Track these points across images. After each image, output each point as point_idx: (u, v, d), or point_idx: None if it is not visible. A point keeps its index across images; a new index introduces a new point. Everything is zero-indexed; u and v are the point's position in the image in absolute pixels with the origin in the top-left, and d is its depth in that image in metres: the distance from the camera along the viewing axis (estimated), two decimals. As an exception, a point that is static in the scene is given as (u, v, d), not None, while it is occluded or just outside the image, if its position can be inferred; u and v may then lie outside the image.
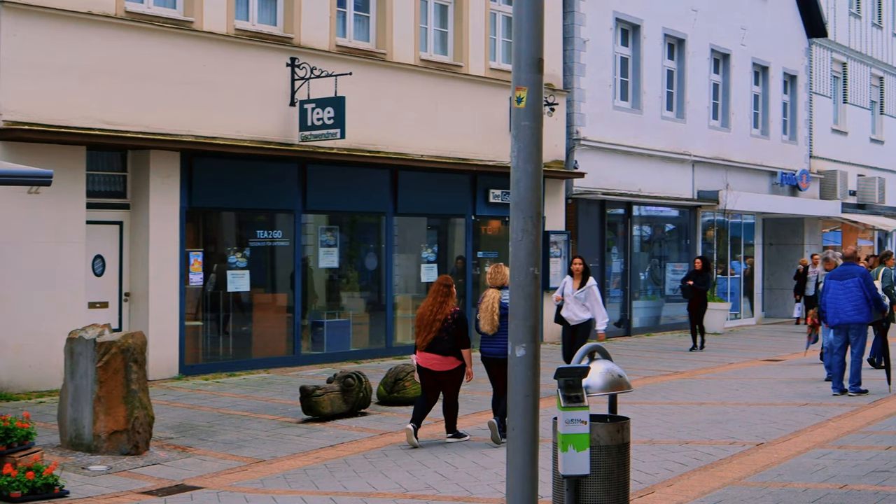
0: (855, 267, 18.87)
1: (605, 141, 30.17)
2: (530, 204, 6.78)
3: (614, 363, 7.91)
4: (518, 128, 6.81)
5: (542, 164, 6.82)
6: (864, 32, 46.87)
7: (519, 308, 6.82)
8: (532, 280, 6.80)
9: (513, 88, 6.83)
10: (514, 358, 6.87)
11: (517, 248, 6.81)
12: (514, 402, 6.87)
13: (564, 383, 7.24)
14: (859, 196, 44.97)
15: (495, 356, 14.36)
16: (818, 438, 14.16)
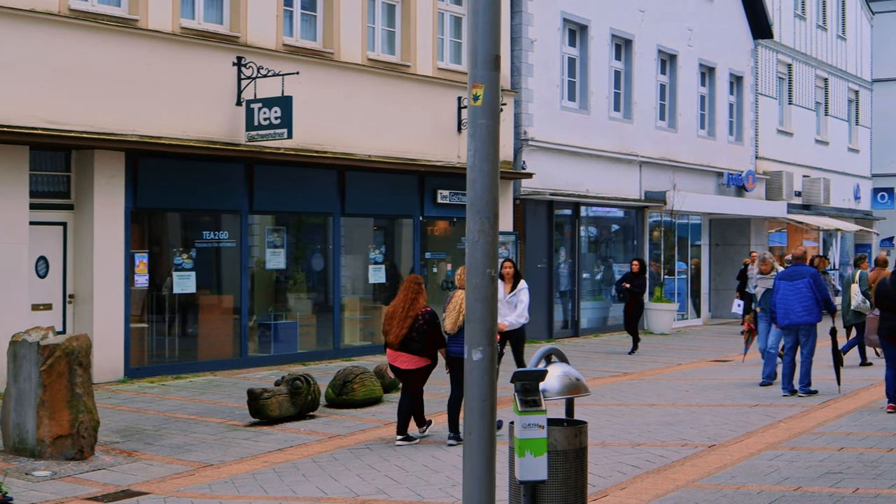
0: (805, 268, 18.88)
1: (552, 141, 30.10)
2: (487, 204, 6.64)
3: (571, 366, 7.78)
4: (475, 126, 6.66)
5: (498, 163, 6.68)
6: (809, 34, 47.10)
7: (475, 311, 6.67)
8: (489, 282, 6.66)
9: (469, 86, 6.68)
10: (471, 361, 6.72)
11: (473, 249, 6.66)
12: (470, 407, 6.73)
13: (521, 387, 7.10)
14: (804, 197, 45.20)
15: (459, 355, 14.13)
16: (770, 440, 14.11)
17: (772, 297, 19.23)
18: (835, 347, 19.05)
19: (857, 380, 20.40)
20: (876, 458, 12.59)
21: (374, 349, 24.92)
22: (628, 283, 27.87)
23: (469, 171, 6.70)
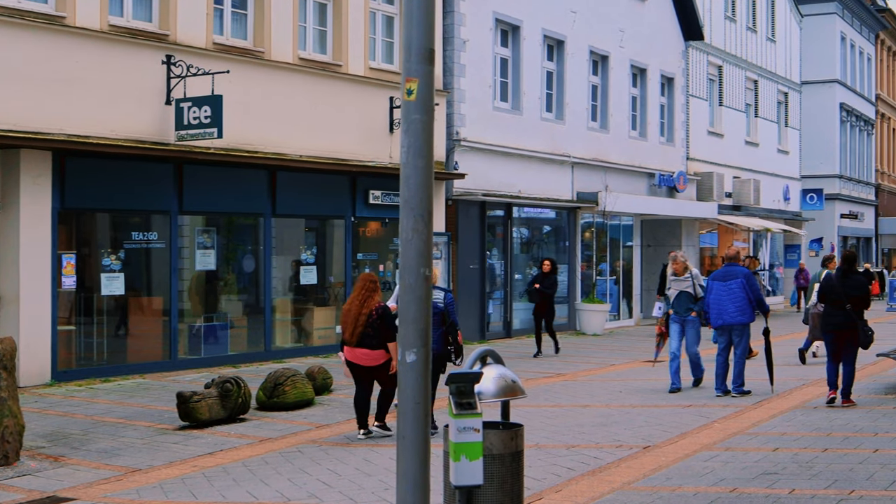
0: (738, 268, 18.88)
1: (485, 142, 30.01)
2: (421, 202, 6.46)
3: (507, 367, 7.62)
4: (408, 122, 6.48)
5: (433, 159, 6.52)
6: (740, 36, 47.38)
7: (409, 311, 6.49)
8: (423, 282, 6.49)
9: (403, 80, 6.52)
10: (404, 364, 6.54)
11: (407, 248, 6.49)
12: (404, 410, 6.54)
13: (456, 389, 6.94)
14: (735, 198, 45.46)
15: None
16: (705, 440, 14.05)
17: (705, 297, 19.19)
18: (768, 347, 19.03)
19: (790, 379, 20.43)
20: (811, 458, 12.55)
21: (305, 351, 24.74)
22: (538, 284, 26.99)
23: (402, 167, 6.53)
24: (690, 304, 19.44)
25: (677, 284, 19.70)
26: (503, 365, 7.60)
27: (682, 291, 19.54)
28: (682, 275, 19.64)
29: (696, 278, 19.61)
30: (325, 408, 17.33)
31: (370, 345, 14.52)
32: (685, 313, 19.44)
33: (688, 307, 19.43)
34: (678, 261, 19.60)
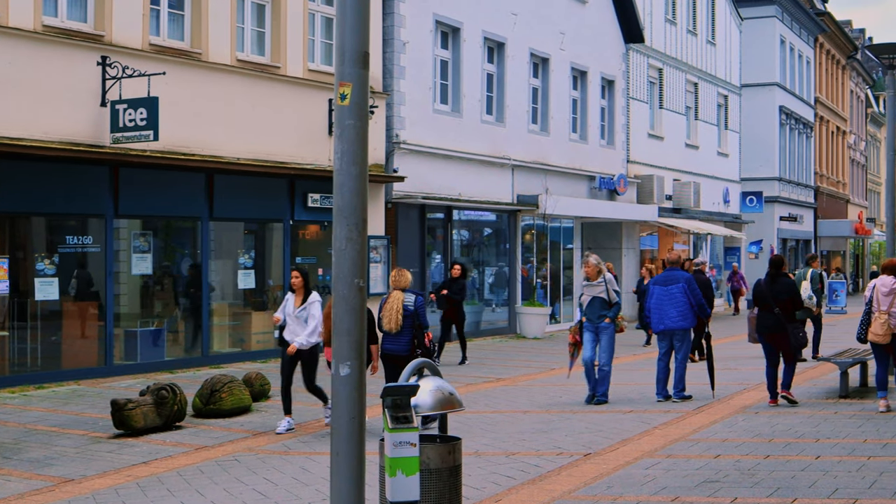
0: (679, 272, 18.81)
1: (425, 144, 29.84)
2: (355, 210, 6.26)
3: (444, 380, 7.43)
4: (342, 127, 6.28)
5: (367, 166, 6.32)
6: (680, 39, 47.49)
7: (343, 322, 6.29)
8: (357, 292, 6.29)
9: (336, 84, 6.32)
10: (338, 377, 6.34)
11: (341, 257, 6.29)
12: (338, 425, 6.34)
13: (392, 402, 6.75)
14: (675, 200, 45.55)
15: (395, 353, 15.81)
16: (646, 447, 13.92)
17: (646, 302, 19.10)
18: (709, 352, 18.99)
19: (731, 384, 20.36)
20: (752, 465, 12.45)
21: (243, 356, 24.48)
22: (446, 289, 25.91)
23: (336, 174, 6.32)
24: (604, 310, 18.22)
25: (590, 290, 18.41)
26: (440, 377, 7.41)
27: (595, 297, 18.29)
28: (594, 279, 18.29)
29: (610, 283, 18.32)
30: (263, 415, 17.10)
31: None
32: (598, 320, 18.24)
33: (600, 314, 18.22)
34: (590, 264, 18.23)
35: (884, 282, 16.89)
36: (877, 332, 16.69)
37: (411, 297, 15.99)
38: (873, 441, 13.97)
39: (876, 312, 16.75)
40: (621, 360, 26.38)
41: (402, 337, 15.84)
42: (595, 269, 18.15)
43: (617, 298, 18.37)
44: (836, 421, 15.83)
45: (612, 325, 18.28)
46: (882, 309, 16.68)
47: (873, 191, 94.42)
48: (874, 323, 16.72)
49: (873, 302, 16.82)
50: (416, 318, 15.87)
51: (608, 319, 18.24)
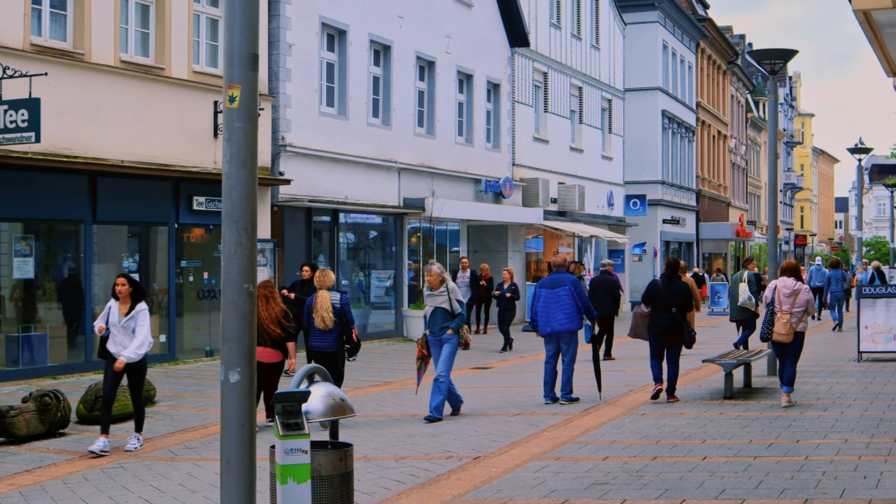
0: (565, 275, 18.88)
1: (311, 147, 29.68)
2: (244, 214, 6.16)
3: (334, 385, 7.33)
4: (231, 130, 6.18)
5: (256, 170, 6.22)
6: (565, 43, 47.77)
7: (232, 329, 6.17)
8: (247, 297, 6.18)
9: (225, 87, 6.22)
10: (227, 384, 6.22)
11: (230, 262, 6.18)
12: (228, 433, 6.22)
13: (282, 409, 6.65)
14: (560, 204, 45.78)
15: (323, 350, 16.95)
16: (535, 450, 13.92)
17: (532, 304, 19.12)
18: (595, 354, 19.10)
19: (617, 386, 20.49)
20: (641, 467, 12.51)
21: (127, 361, 24.07)
22: (294, 293, 24.61)
23: (225, 178, 6.21)
24: (447, 321, 17.01)
25: (431, 300, 17.26)
26: (331, 382, 7.32)
27: (438, 308, 17.10)
28: (437, 288, 17.15)
29: (453, 292, 17.11)
30: (149, 421, 16.82)
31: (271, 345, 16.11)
32: (440, 332, 17.02)
33: (443, 325, 17.00)
34: (433, 272, 17.14)
35: (785, 283, 17.76)
36: (780, 332, 17.54)
37: (337, 296, 17.18)
38: (758, 441, 14.13)
39: (778, 313, 17.59)
40: (509, 362, 26.48)
41: (330, 333, 16.94)
42: (438, 277, 17.06)
43: (460, 309, 17.11)
44: (722, 422, 15.98)
45: (456, 336, 17.03)
46: (784, 309, 17.56)
47: (753, 194, 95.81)
48: (777, 323, 17.56)
49: (775, 303, 17.64)
50: (344, 315, 17.05)
51: (451, 331, 16.97)
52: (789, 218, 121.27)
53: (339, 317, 17.01)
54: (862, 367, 23.59)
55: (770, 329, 17.67)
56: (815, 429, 15.13)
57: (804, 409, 17.04)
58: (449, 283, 17.23)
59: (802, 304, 17.68)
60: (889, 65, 12.40)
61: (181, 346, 25.92)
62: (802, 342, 17.95)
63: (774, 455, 13.09)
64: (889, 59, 12.23)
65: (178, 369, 24.17)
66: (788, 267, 18.19)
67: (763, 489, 11.17)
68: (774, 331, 17.61)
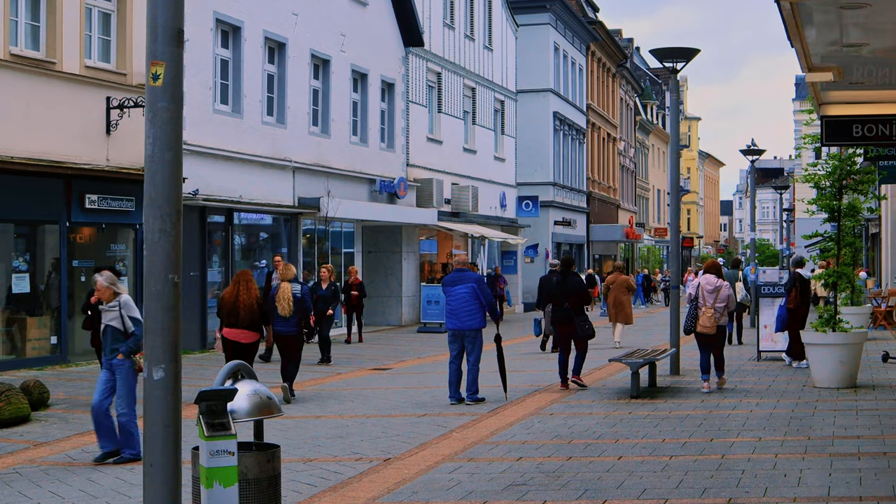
0: (469, 273, 18.62)
1: (205, 146, 29.11)
2: (169, 199, 5.76)
3: (260, 383, 6.92)
4: (154, 110, 5.77)
5: (181, 152, 5.83)
6: (458, 43, 47.58)
7: (156, 322, 5.76)
8: (171, 289, 5.78)
9: (147, 64, 5.82)
10: (151, 381, 5.81)
11: (153, 251, 5.77)
12: (151, 435, 5.80)
13: (207, 408, 6.23)
14: (454, 205, 45.56)
15: (286, 333, 19.12)
16: (446, 451, 13.58)
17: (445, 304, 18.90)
18: (500, 353, 18.82)
19: (522, 385, 20.22)
20: (556, 467, 12.24)
21: (18, 363, 23.44)
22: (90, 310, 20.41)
23: (148, 162, 5.80)
24: (118, 342, 13.64)
25: (104, 316, 13.93)
26: (256, 380, 6.91)
27: (108, 325, 13.77)
28: (109, 301, 13.85)
29: (126, 307, 13.78)
30: (43, 424, 16.28)
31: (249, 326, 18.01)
32: (111, 355, 13.67)
33: (113, 347, 13.68)
34: (100, 285, 13.88)
35: (708, 280, 19.39)
36: (705, 325, 19.17)
37: (297, 287, 19.43)
38: (672, 440, 13.95)
39: (703, 308, 19.18)
40: (408, 363, 26.16)
41: (291, 319, 19.11)
42: (108, 291, 13.84)
43: (134, 328, 13.65)
44: (632, 421, 15.80)
45: (128, 362, 13.52)
46: (708, 304, 19.16)
47: (642, 196, 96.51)
48: (702, 317, 19.17)
49: (699, 298, 19.26)
50: (303, 303, 19.32)
51: (121, 355, 13.54)
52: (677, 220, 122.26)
53: (299, 305, 19.16)
54: (762, 366, 23.64)
55: (694, 322, 19.27)
56: (727, 427, 15.01)
57: (712, 409, 16.93)
58: (123, 296, 13.95)
59: (724, 300, 19.27)
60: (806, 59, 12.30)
61: (73, 347, 25.21)
62: (725, 334, 20.02)
63: (690, 454, 12.90)
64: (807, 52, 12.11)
65: (69, 371, 23.51)
66: (710, 266, 19.97)
67: (684, 488, 10.96)
68: (699, 324, 19.18)
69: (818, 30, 11.28)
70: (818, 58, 12.49)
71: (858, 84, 14.44)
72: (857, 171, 20.38)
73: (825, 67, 12.89)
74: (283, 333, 19.05)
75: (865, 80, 14.39)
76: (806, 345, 20.05)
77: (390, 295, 41.54)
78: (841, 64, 12.94)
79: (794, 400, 17.78)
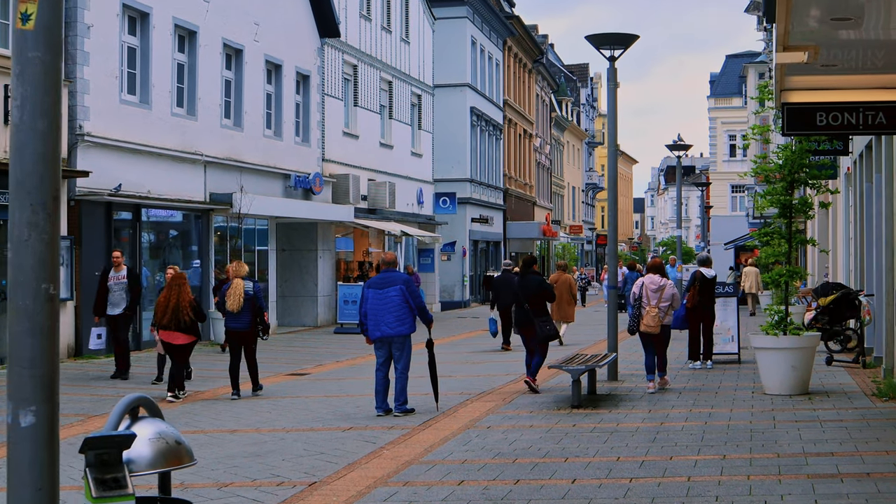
0: (396, 274, 17.17)
1: (111, 137, 27.47)
2: (43, 181, 4.24)
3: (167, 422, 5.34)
4: (23, 62, 4.27)
5: (61, 121, 4.35)
6: (375, 35, 46.21)
7: (24, 349, 4.26)
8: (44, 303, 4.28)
9: (16, 2, 4.34)
10: (17, 429, 4.29)
11: (21, 252, 4.25)
12: (18, 500, 4.31)
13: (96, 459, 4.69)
14: (370, 201, 44.20)
15: (238, 329, 19.43)
16: (377, 473, 12.05)
17: (360, 307, 17.38)
18: (431, 360, 17.37)
19: (451, 394, 18.76)
20: (504, 493, 10.80)
21: None
22: None
23: (14, 132, 4.28)
24: None
25: None
26: (161, 418, 5.35)
27: None
28: None
29: None
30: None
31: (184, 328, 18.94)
32: None
33: None
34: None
35: (652, 280, 19.35)
36: (649, 324, 19.02)
37: (250, 284, 19.56)
38: (628, 459, 12.50)
39: (647, 307, 19.05)
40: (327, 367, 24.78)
41: (243, 316, 19.28)
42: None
43: None
44: (579, 435, 14.35)
45: None
46: (652, 304, 19.05)
47: (558, 193, 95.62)
48: (646, 316, 19.01)
49: (643, 298, 19.14)
50: (256, 300, 19.39)
51: None
52: (591, 218, 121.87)
53: (252, 302, 19.28)
54: (705, 370, 22.46)
55: (638, 322, 19.13)
56: (685, 442, 13.61)
57: (662, 420, 15.59)
58: None
59: (668, 299, 19.20)
60: (785, 35, 11.05)
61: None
62: (669, 334, 19.70)
63: (652, 475, 11.51)
64: (787, 28, 10.87)
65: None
66: (654, 266, 19.95)
67: (655, 520, 9.64)
68: (643, 323, 19.04)
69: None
70: (797, 35, 11.24)
71: (830, 67, 13.21)
72: (809, 165, 19.21)
73: (801, 46, 11.65)
74: (235, 330, 19.41)
75: (842, 62, 13.17)
76: (756, 349, 18.77)
77: (305, 295, 40.09)
78: (820, 43, 11.71)
79: (747, 409, 16.49)
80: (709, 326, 23.00)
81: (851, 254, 27.42)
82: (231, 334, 19.55)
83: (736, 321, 24.42)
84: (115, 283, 22.81)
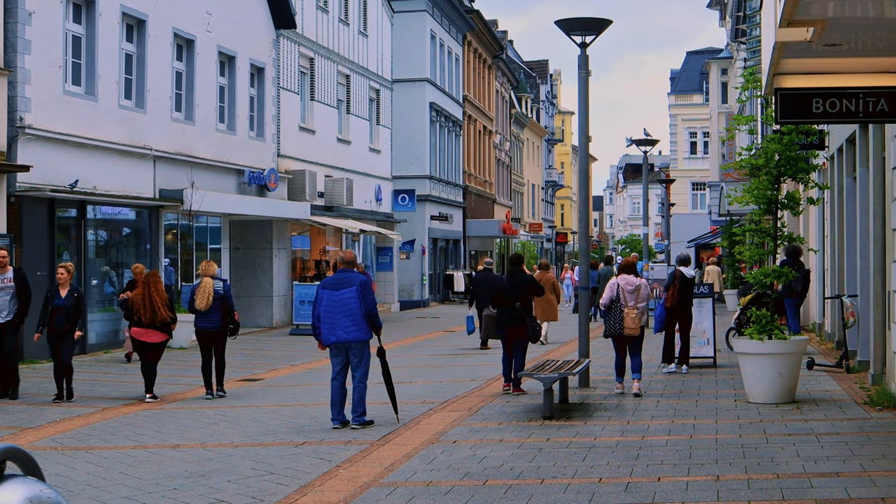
0: (353, 274, 15.88)
1: (54, 130, 26.16)
2: None
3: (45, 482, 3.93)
4: None
5: None
6: (332, 28, 45.02)
7: None
8: None
9: None
10: None
11: None
12: None
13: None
14: (327, 198, 43.01)
15: (208, 329, 19.48)
16: (332, 497, 10.72)
17: (314, 309, 16.10)
18: (385, 369, 16.02)
19: (412, 402, 17.55)
20: (476, 524, 9.62)
21: None
22: None
23: None
24: None
25: None
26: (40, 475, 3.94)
27: None
28: None
29: None
30: None
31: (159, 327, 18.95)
32: None
33: None
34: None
35: (628, 280, 18.48)
36: (630, 326, 18.27)
37: (219, 283, 19.66)
38: (611, 481, 11.14)
39: (626, 309, 18.25)
40: (281, 372, 23.54)
41: (213, 315, 19.35)
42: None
43: None
44: (554, 452, 13.03)
45: None
46: (630, 305, 18.27)
47: (517, 191, 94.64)
48: (626, 318, 18.21)
49: (620, 299, 18.27)
50: (226, 299, 19.50)
51: None
52: (551, 215, 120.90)
53: (222, 301, 19.36)
54: (681, 374, 21.34)
55: (621, 325, 18.26)
56: (672, 460, 12.24)
57: (644, 433, 14.34)
58: None
59: (645, 298, 18.50)
60: (792, 8, 9.86)
61: None
62: (644, 334, 18.81)
63: (641, 501, 10.21)
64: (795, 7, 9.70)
65: None
66: (627, 265, 18.95)
67: (651, 559, 8.43)
68: (625, 325, 18.24)
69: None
70: (805, 8, 10.05)
71: (833, 48, 12.02)
72: (796, 158, 18.08)
73: (806, 21, 10.48)
74: (205, 329, 19.44)
75: (851, 41, 11.97)
76: (740, 354, 17.54)
77: (260, 295, 38.84)
78: (829, 17, 10.53)
79: (734, 420, 15.23)
80: (686, 328, 21.82)
81: (828, 252, 26.39)
82: (201, 334, 19.51)
83: (712, 323, 23.30)
84: (0, 287, 19.39)
